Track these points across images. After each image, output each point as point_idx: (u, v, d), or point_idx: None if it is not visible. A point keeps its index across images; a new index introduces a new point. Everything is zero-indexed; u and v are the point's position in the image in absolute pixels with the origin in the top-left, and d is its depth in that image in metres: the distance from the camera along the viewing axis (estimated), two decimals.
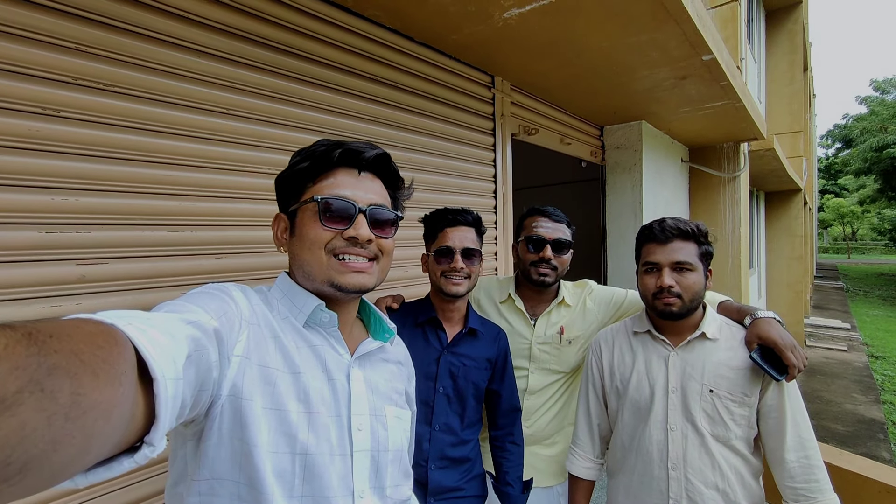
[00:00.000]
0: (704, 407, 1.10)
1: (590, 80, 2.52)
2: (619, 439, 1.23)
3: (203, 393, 0.55)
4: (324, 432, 0.67)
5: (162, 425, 0.41)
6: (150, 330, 0.43)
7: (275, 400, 0.64)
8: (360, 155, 0.74)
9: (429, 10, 1.70)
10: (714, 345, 1.14)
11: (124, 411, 0.36)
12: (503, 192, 2.47)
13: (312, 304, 0.72)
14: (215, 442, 0.60)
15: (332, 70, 1.64)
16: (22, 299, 1.01)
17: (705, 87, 2.73)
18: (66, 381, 0.30)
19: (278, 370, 0.66)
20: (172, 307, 0.57)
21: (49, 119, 1.04)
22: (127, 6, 1.15)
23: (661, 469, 1.13)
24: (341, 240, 0.72)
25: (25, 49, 1.01)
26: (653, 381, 1.17)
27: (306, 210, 0.73)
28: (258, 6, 1.42)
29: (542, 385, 1.46)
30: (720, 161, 4.59)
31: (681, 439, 1.11)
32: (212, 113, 1.32)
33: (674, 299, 1.12)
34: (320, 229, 0.71)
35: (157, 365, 0.40)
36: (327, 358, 0.72)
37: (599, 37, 1.99)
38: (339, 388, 0.71)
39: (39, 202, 1.03)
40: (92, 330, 0.36)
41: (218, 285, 0.67)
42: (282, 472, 0.62)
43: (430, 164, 2.05)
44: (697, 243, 1.15)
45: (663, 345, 1.19)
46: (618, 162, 3.69)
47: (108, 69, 1.12)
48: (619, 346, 1.27)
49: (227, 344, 0.59)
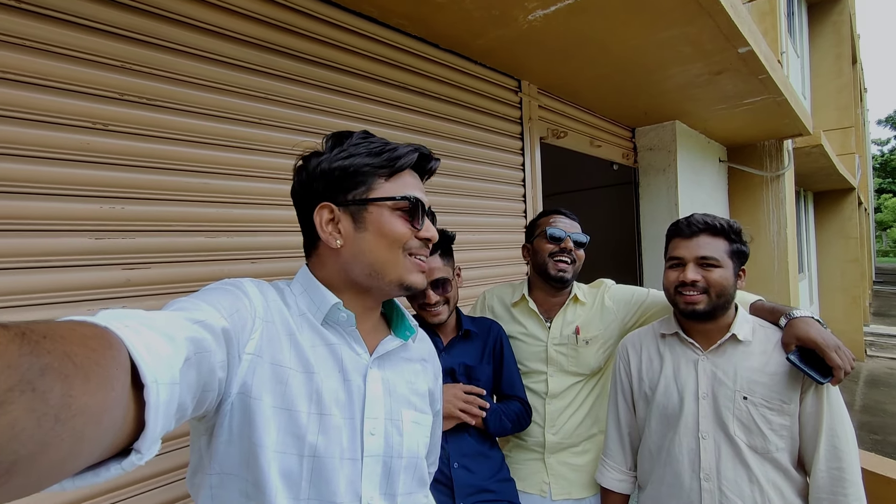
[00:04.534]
0: (738, 415, 1.03)
1: (618, 80, 2.47)
2: (647, 448, 1.17)
3: (207, 394, 0.54)
4: (335, 435, 0.65)
5: (151, 432, 0.39)
6: (147, 332, 0.42)
7: (285, 399, 0.62)
8: (429, 163, 0.78)
9: (452, 15, 1.71)
10: (747, 348, 1.07)
11: (115, 416, 0.35)
12: (533, 195, 2.44)
13: (330, 301, 0.70)
14: (226, 439, 0.60)
15: (361, 79, 1.68)
16: (73, 302, 1.07)
17: (743, 82, 2.62)
18: (57, 382, 0.29)
19: (291, 369, 0.64)
20: (182, 305, 0.56)
21: (98, 133, 1.11)
22: (169, 25, 1.22)
23: (692, 480, 1.06)
24: (416, 240, 0.73)
25: (77, 68, 1.08)
26: (681, 387, 1.11)
27: (383, 206, 0.71)
28: (291, 21, 1.48)
29: (562, 388, 1.41)
30: (762, 159, 4.38)
31: (713, 448, 1.04)
32: (247, 123, 1.37)
33: (699, 295, 1.06)
34: (407, 227, 0.71)
35: (148, 369, 0.39)
36: (344, 357, 0.70)
37: (627, 34, 1.95)
38: (354, 389, 0.69)
39: (90, 210, 1.10)
40: (85, 332, 0.35)
41: (234, 281, 0.67)
42: (288, 473, 0.61)
43: (458, 169, 2.05)
44: (728, 240, 1.09)
45: (692, 348, 1.13)
46: (651, 164, 3.58)
47: (152, 85, 1.19)
48: (646, 349, 1.22)
49: (238, 342, 0.59)
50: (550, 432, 1.39)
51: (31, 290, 1.02)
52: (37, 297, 1.02)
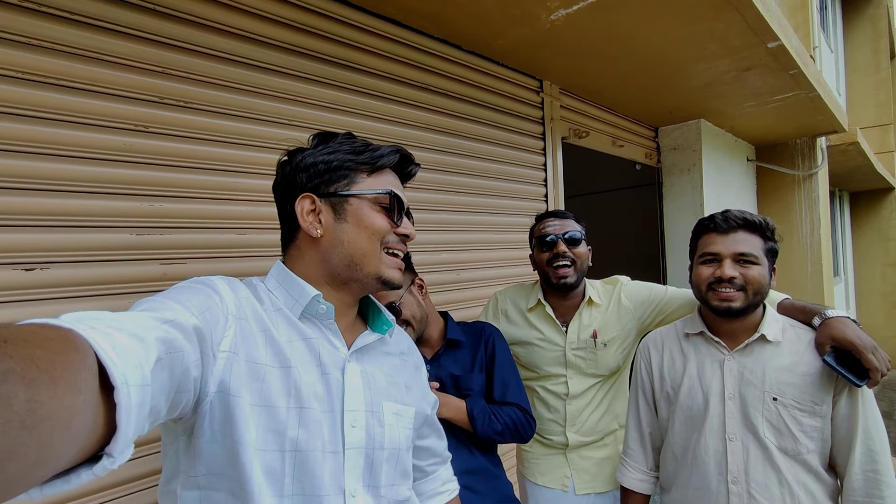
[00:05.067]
0: (768, 417, 1.00)
1: (642, 78, 2.45)
2: (671, 450, 1.14)
3: (182, 395, 0.53)
4: (316, 428, 0.64)
5: (123, 435, 0.38)
6: (116, 334, 0.40)
7: (263, 396, 0.62)
8: (408, 166, 0.80)
9: (473, 16, 1.73)
10: (776, 348, 1.04)
11: (85, 421, 0.34)
12: (555, 195, 2.44)
13: (309, 294, 0.70)
14: (208, 438, 0.59)
15: (384, 80, 1.72)
16: (114, 294, 1.13)
17: (773, 78, 2.56)
18: (21, 387, 0.28)
19: (267, 365, 0.63)
20: (150, 305, 0.55)
21: (140, 134, 1.17)
22: (205, 32, 1.28)
23: (719, 483, 1.03)
24: (394, 235, 0.74)
25: (122, 74, 1.15)
26: (706, 387, 1.08)
27: (364, 199, 0.72)
28: (317, 24, 1.52)
29: (582, 388, 1.40)
30: (793, 158, 4.24)
31: (741, 451, 1.02)
32: (275, 124, 1.42)
33: (735, 292, 1.03)
34: (386, 221, 0.73)
35: (118, 371, 0.38)
36: (322, 351, 0.69)
37: (650, 31, 1.93)
38: (332, 382, 0.68)
39: (131, 208, 1.16)
40: (49, 335, 0.34)
41: (203, 279, 0.66)
42: (271, 470, 0.60)
43: (480, 169, 2.07)
44: (763, 238, 1.06)
45: (718, 347, 1.10)
46: (675, 164, 3.51)
47: (188, 88, 1.25)
48: (668, 349, 1.19)
49: (211, 340, 0.58)
50: (572, 431, 1.39)
51: (77, 283, 1.08)
52: (82, 290, 1.09)
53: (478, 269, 2.06)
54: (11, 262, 1.00)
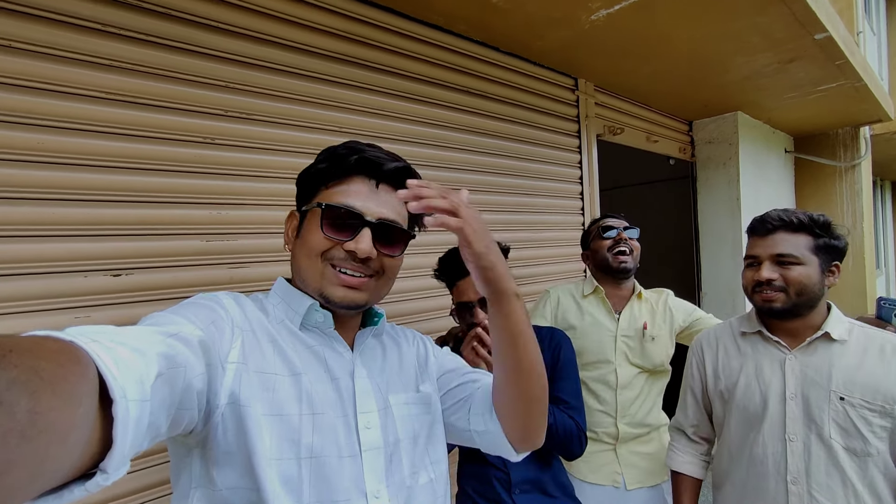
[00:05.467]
0: (835, 417, 0.99)
1: (679, 73, 2.41)
2: (727, 448, 1.15)
3: (183, 412, 0.53)
4: (330, 434, 0.64)
5: (118, 451, 0.37)
6: (118, 348, 0.40)
7: (275, 405, 0.61)
8: (379, 166, 0.70)
9: (515, 19, 1.75)
10: (842, 347, 1.03)
11: (82, 435, 0.34)
12: (590, 192, 2.44)
13: (306, 303, 0.69)
14: (224, 450, 0.58)
15: (425, 84, 1.76)
16: (188, 297, 1.21)
17: (817, 69, 2.48)
18: (24, 397, 0.28)
19: (277, 374, 0.63)
20: (155, 319, 0.56)
21: (207, 146, 1.25)
22: (266, 47, 1.34)
23: (777, 483, 1.03)
24: (341, 251, 0.67)
25: (190, 90, 1.22)
26: (765, 387, 1.08)
27: (314, 214, 0.69)
28: (366, 34, 1.57)
29: (629, 378, 1.47)
30: (834, 149, 4.09)
31: (802, 451, 1.02)
32: (327, 132, 1.48)
33: (776, 294, 1.04)
34: (321, 237, 0.67)
35: (117, 385, 0.37)
36: (327, 358, 0.69)
37: (690, 28, 1.91)
38: (342, 387, 0.68)
39: (201, 216, 1.24)
40: (53, 347, 0.34)
41: (208, 294, 0.66)
42: (288, 478, 0.59)
43: (515, 168, 2.09)
44: (812, 235, 1.05)
45: (777, 347, 1.10)
46: (710, 157, 3.45)
47: (250, 101, 1.32)
48: (723, 348, 1.20)
49: (218, 352, 0.58)
50: (623, 422, 1.44)
51: (156, 287, 1.17)
52: (160, 294, 1.17)
53: (516, 267, 2.09)
54: (101, 268, 1.09)
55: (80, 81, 1.06)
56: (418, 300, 1.72)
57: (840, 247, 1.07)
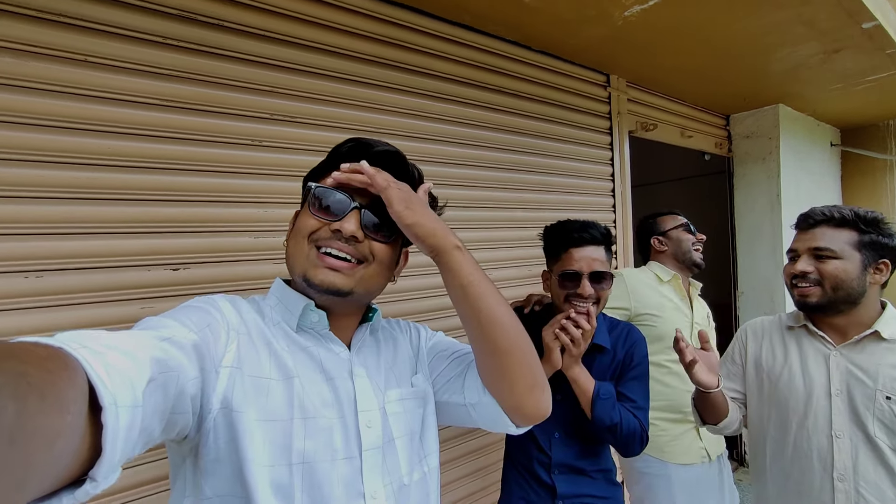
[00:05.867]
0: (879, 416, 0.98)
1: (716, 67, 2.35)
2: (766, 442, 1.15)
3: (178, 416, 0.52)
4: (324, 437, 0.63)
5: (108, 458, 0.36)
6: (108, 353, 0.40)
7: (268, 410, 0.60)
8: (369, 148, 0.72)
9: (548, 18, 1.76)
10: (892, 346, 1.01)
11: (70, 442, 0.33)
12: (622, 190, 2.42)
13: (301, 303, 0.68)
14: (213, 457, 0.58)
15: (455, 84, 1.79)
16: (240, 290, 1.29)
17: (866, 58, 2.37)
18: (11, 401, 0.27)
19: (272, 379, 0.62)
20: (148, 324, 0.55)
21: (255, 148, 1.33)
22: (312, 53, 1.41)
23: (823, 479, 1.03)
24: (328, 231, 0.66)
25: (237, 95, 1.30)
26: (809, 381, 1.07)
27: (308, 202, 0.69)
28: (401, 36, 1.62)
29: None
30: (884, 141, 3.88)
31: (850, 448, 1.01)
32: (363, 132, 1.54)
33: (811, 287, 1.04)
34: (310, 217, 0.67)
35: (107, 391, 0.37)
36: (323, 359, 0.68)
37: (729, 20, 1.86)
38: (339, 387, 0.67)
39: (250, 214, 1.32)
40: (41, 353, 0.34)
41: (204, 297, 0.65)
42: (280, 485, 0.59)
43: (546, 166, 2.10)
44: (857, 231, 1.03)
45: (822, 342, 1.09)
46: (748, 152, 3.34)
47: (294, 105, 1.39)
48: (769, 338, 1.20)
49: (212, 356, 0.57)
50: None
51: (212, 281, 1.25)
52: (217, 287, 1.25)
53: None
54: (162, 263, 1.18)
55: (175, 95, 1.16)
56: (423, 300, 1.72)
57: (891, 244, 1.04)
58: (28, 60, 1.01)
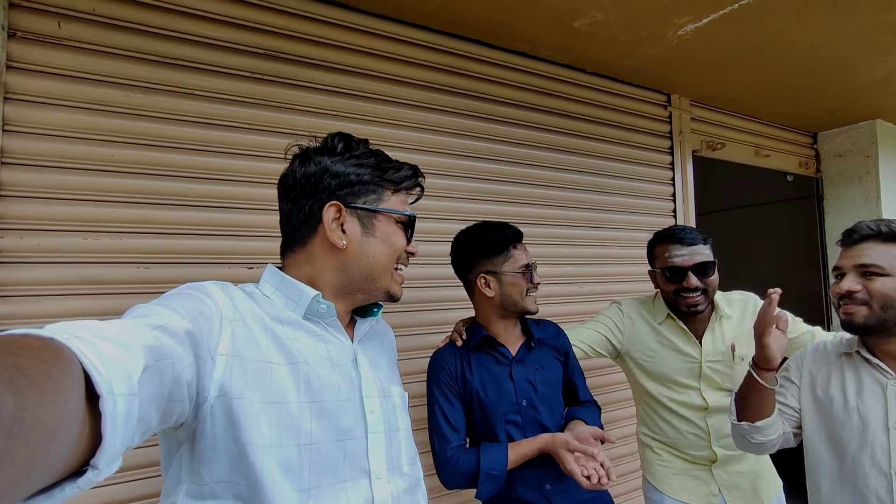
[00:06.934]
0: None
1: (790, 82, 2.23)
2: (821, 474, 1.06)
3: (174, 404, 0.53)
4: (331, 419, 0.66)
5: (108, 446, 0.37)
6: (101, 343, 0.40)
7: (272, 393, 0.62)
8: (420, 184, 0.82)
9: (600, 42, 1.81)
10: None
11: (71, 432, 0.33)
12: (684, 211, 2.33)
13: (309, 295, 0.70)
14: (210, 444, 0.58)
15: (512, 107, 1.88)
16: None
17: None
18: (8, 394, 0.27)
19: (273, 363, 0.64)
20: (140, 311, 0.55)
21: None
22: (371, 80, 1.59)
23: None
24: (405, 253, 0.78)
25: (291, 117, 1.49)
26: (864, 413, 0.98)
27: (391, 217, 0.76)
28: (454, 64, 1.76)
29: (720, 401, 1.36)
30: None
31: None
32: (425, 153, 1.68)
33: (856, 307, 0.96)
34: (404, 240, 0.77)
35: (103, 380, 0.37)
36: (329, 346, 0.71)
37: (800, 33, 1.78)
38: (345, 373, 0.71)
39: None
40: (34, 345, 0.34)
41: (194, 284, 0.65)
42: (289, 465, 0.60)
43: (604, 186, 2.10)
44: None
45: (878, 370, 0.99)
46: (840, 172, 3.04)
47: (356, 127, 1.56)
48: (827, 365, 1.10)
49: (207, 344, 0.58)
50: (719, 445, 1.35)
51: None
52: None
53: (601, 283, 2.07)
54: (239, 262, 1.38)
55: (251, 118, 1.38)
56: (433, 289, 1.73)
57: None
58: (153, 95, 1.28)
